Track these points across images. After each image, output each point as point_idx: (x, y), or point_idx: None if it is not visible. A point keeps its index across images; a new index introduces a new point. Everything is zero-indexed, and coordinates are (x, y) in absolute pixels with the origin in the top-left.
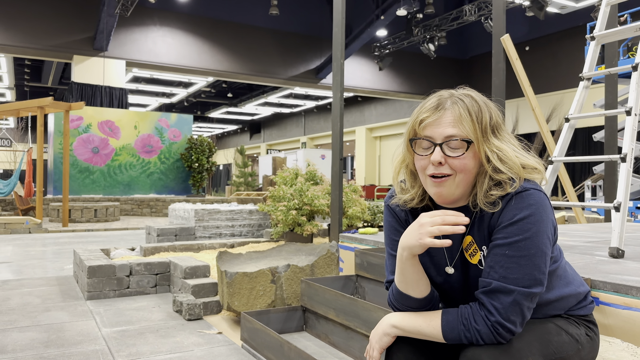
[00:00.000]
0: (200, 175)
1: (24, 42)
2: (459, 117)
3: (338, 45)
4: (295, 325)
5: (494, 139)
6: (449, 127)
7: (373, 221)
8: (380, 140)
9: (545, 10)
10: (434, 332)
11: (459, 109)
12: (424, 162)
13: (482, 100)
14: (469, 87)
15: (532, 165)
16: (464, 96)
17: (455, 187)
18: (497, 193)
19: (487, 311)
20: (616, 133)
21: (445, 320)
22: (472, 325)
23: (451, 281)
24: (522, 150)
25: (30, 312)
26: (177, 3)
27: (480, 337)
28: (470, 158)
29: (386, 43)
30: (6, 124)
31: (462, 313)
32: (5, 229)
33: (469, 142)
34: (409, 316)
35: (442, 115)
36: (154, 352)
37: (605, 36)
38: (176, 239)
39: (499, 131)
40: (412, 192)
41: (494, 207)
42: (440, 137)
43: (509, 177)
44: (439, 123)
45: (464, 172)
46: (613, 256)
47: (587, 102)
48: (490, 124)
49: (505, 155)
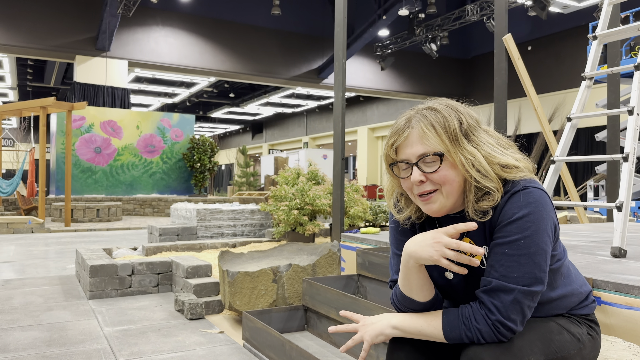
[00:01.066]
0: (203, 175)
1: (26, 42)
2: (424, 134)
3: (340, 45)
4: (296, 324)
5: (467, 145)
6: (417, 145)
7: (375, 221)
8: (382, 140)
9: (548, 10)
10: (435, 333)
11: (421, 126)
12: (408, 183)
13: (447, 109)
14: (471, 86)
15: (512, 164)
16: (427, 110)
17: (446, 199)
18: (488, 204)
19: (488, 310)
20: (618, 133)
21: (445, 320)
22: (473, 324)
23: (453, 282)
24: (504, 148)
25: (32, 312)
26: (179, 3)
27: (482, 336)
28: (449, 168)
29: (388, 43)
30: (9, 124)
31: (462, 313)
32: (8, 228)
33: (440, 155)
34: (410, 317)
35: (408, 135)
36: (156, 351)
37: (608, 36)
38: (178, 239)
39: (473, 133)
40: (407, 212)
41: (485, 217)
42: (414, 157)
43: (490, 184)
44: (408, 144)
45: (447, 183)
46: (615, 256)
47: (590, 101)
48: (461, 129)
49: (478, 161)
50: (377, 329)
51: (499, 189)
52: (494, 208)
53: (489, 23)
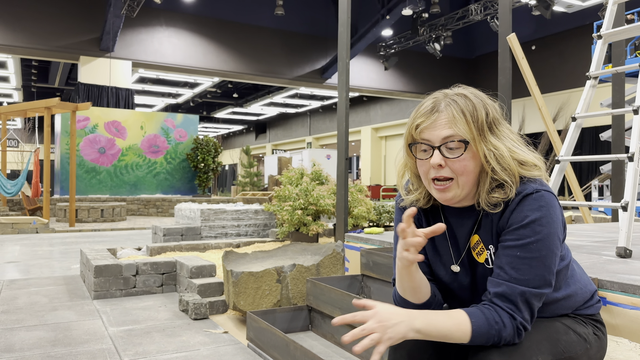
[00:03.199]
0: (206, 176)
1: (31, 43)
2: (453, 119)
3: (343, 45)
4: (301, 324)
5: (491, 137)
6: (445, 129)
7: (379, 221)
8: (385, 140)
9: (552, 9)
10: (461, 337)
11: (452, 111)
12: (425, 166)
13: (476, 98)
14: (474, 86)
15: (532, 162)
16: (458, 96)
17: (461, 190)
18: (499, 196)
19: (509, 314)
20: (623, 132)
21: (475, 324)
22: (500, 327)
23: (459, 280)
24: (522, 145)
25: (37, 312)
26: (183, 4)
27: (504, 338)
28: (470, 159)
29: (392, 43)
30: (14, 125)
31: (488, 316)
32: (13, 228)
33: (466, 143)
34: (435, 321)
35: (437, 118)
36: (161, 351)
37: (613, 35)
38: (182, 239)
39: (497, 127)
40: (416, 194)
41: (495, 209)
42: (437, 140)
43: (509, 178)
44: (435, 126)
45: (464, 174)
46: (620, 256)
47: (594, 101)
48: (487, 121)
49: (500, 154)
50: (400, 332)
51: (515, 183)
52: (503, 209)
53: (492, 22)
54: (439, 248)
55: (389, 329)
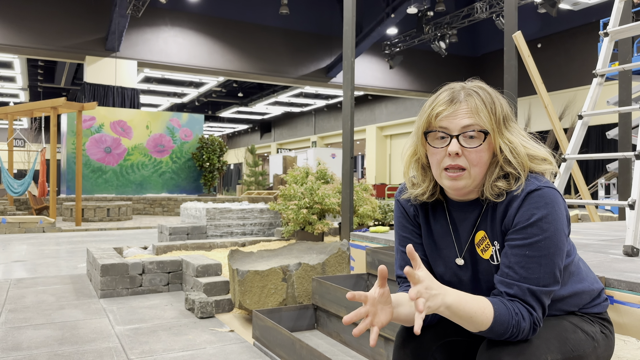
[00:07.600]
0: (212, 175)
1: (37, 44)
2: (475, 108)
3: (348, 43)
4: (306, 323)
5: (505, 131)
6: (466, 118)
7: (384, 220)
8: (390, 139)
9: (558, 7)
10: (484, 322)
11: (474, 101)
12: (439, 155)
13: (493, 92)
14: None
15: (542, 156)
16: (477, 88)
17: (472, 181)
18: (503, 186)
19: (527, 309)
20: (630, 130)
21: (497, 312)
22: (521, 320)
23: (460, 276)
24: (531, 140)
25: (44, 310)
26: (188, 3)
27: (522, 330)
28: (486, 150)
29: (397, 41)
30: (20, 125)
31: (509, 307)
32: (20, 228)
33: (485, 133)
34: (465, 301)
35: (457, 107)
36: (167, 349)
37: (619, 32)
38: (188, 238)
39: (509, 122)
40: (423, 187)
41: (498, 198)
42: (456, 129)
43: (516, 170)
44: (455, 115)
45: (479, 165)
46: (628, 254)
47: (601, 99)
48: (502, 115)
49: (514, 147)
50: (437, 303)
51: (524, 176)
52: (507, 205)
53: (498, 20)
54: (439, 244)
55: (431, 297)
